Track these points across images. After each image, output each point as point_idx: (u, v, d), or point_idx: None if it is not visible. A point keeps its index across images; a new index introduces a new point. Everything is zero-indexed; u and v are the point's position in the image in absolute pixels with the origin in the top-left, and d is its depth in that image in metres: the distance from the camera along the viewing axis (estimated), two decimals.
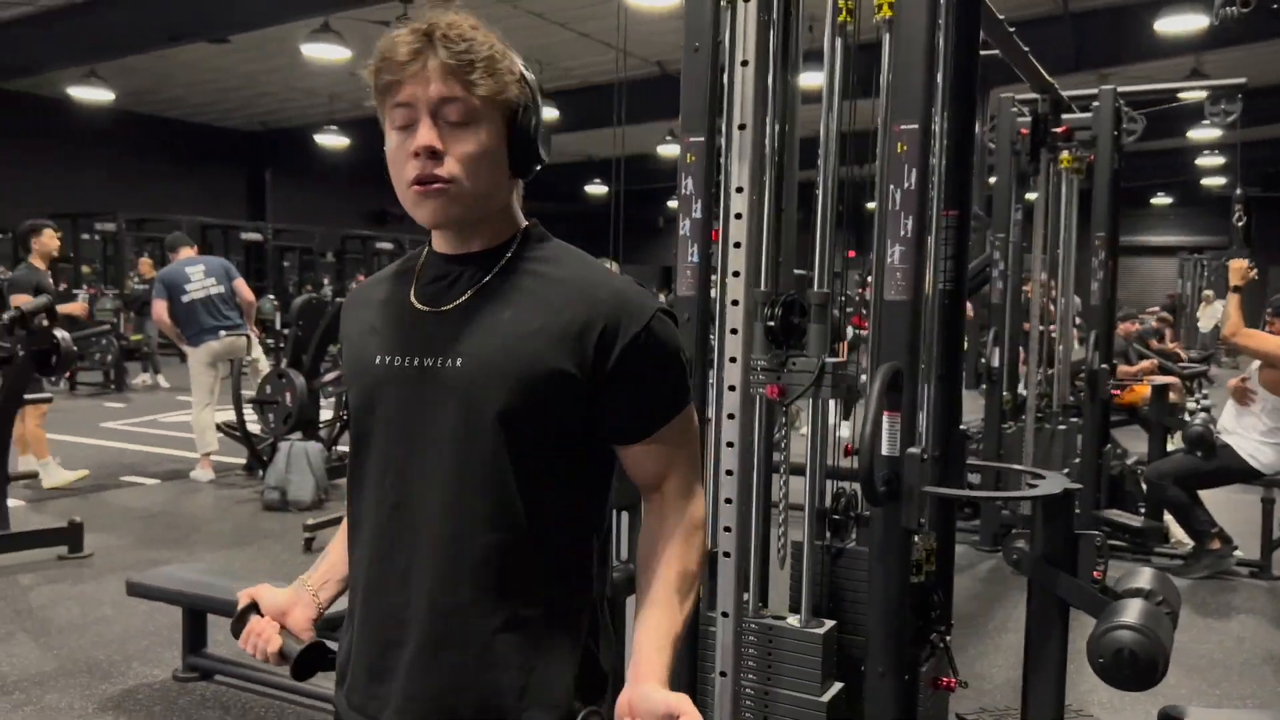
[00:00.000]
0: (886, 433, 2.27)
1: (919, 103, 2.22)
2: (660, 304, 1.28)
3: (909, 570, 2.30)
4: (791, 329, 2.30)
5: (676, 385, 1.29)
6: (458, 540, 1.23)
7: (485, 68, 1.18)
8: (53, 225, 6.26)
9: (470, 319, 1.25)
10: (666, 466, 1.31)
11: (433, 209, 1.22)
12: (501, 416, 1.20)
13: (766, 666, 2.40)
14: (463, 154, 1.19)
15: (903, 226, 2.24)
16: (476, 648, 1.24)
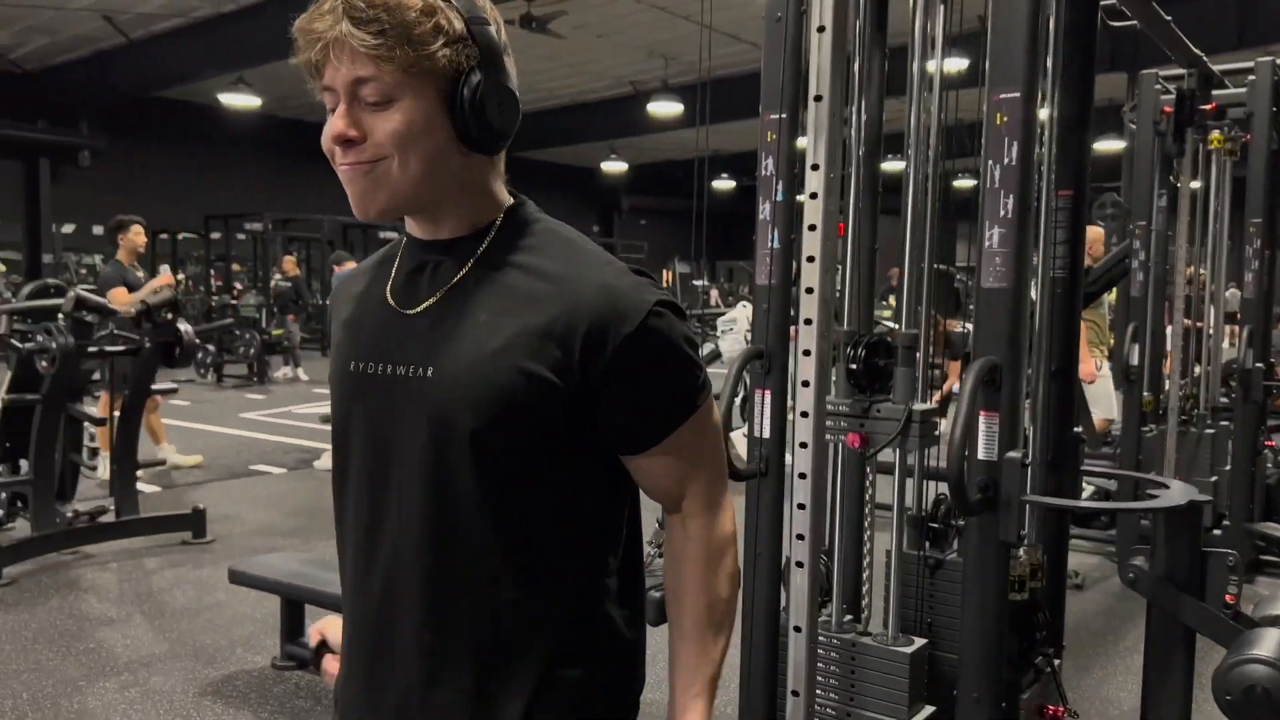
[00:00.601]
0: (983, 434, 2.06)
1: (1021, 68, 2.00)
2: (658, 295, 1.10)
3: (1006, 586, 2.08)
4: (876, 372, 2.16)
5: (684, 386, 1.13)
6: (441, 573, 1.11)
7: (398, 35, 1.01)
8: (141, 221, 6.41)
9: (443, 322, 1.11)
10: (682, 478, 1.16)
11: (358, 198, 1.07)
12: (475, 436, 1.06)
13: (849, 686, 2.22)
14: (386, 132, 1.04)
15: (1003, 206, 2.03)
16: (472, 691, 1.12)
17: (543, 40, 11.93)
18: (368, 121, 1.04)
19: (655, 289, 1.12)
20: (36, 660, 3.67)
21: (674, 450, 1.13)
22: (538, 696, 1.12)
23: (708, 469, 1.17)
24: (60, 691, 3.41)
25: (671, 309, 1.12)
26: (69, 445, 5.02)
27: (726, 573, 1.17)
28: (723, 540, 1.18)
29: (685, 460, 1.15)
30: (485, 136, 1.08)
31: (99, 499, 5.28)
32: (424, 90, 1.04)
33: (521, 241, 1.13)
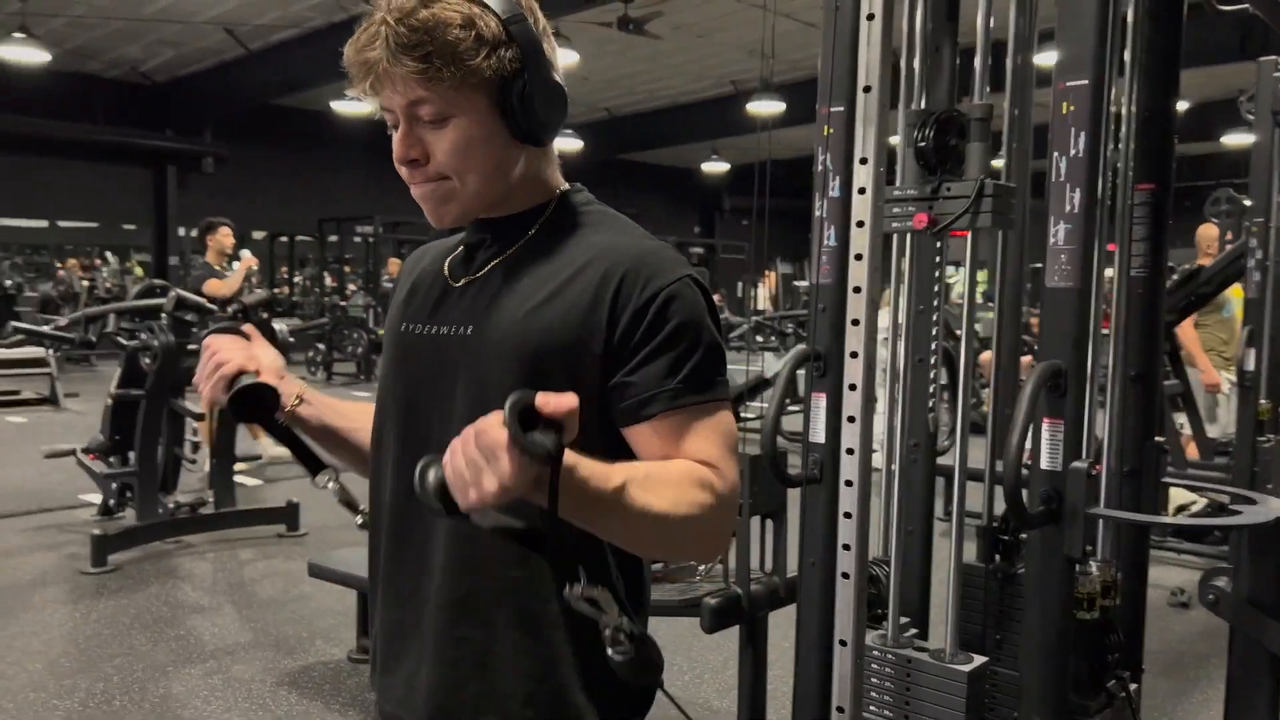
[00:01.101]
0: (1047, 443, 1.94)
1: (1089, 54, 1.88)
2: (692, 272, 1.11)
3: (1071, 603, 1.96)
4: (947, 151, 1.95)
5: (699, 364, 1.09)
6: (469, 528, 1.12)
7: (444, 55, 1.03)
8: (229, 223, 6.57)
9: (488, 288, 1.16)
10: (681, 447, 1.09)
11: (432, 214, 1.15)
12: (512, 391, 1.07)
13: (904, 704, 2.12)
14: (446, 151, 1.09)
15: (1068, 201, 1.91)
16: (481, 644, 1.13)
17: (643, 41, 11.96)
18: (428, 140, 1.10)
19: (693, 268, 1.13)
20: (130, 645, 3.83)
21: (675, 423, 1.09)
22: (550, 662, 1.13)
23: (714, 447, 1.09)
24: (148, 676, 3.55)
25: (703, 290, 1.12)
26: (171, 439, 5.24)
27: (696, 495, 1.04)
28: (709, 482, 1.06)
29: (686, 434, 1.08)
30: (536, 131, 1.12)
31: (199, 491, 5.49)
32: (476, 101, 1.08)
33: (574, 220, 1.18)
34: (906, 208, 1.98)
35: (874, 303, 1.89)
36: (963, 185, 1.91)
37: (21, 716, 3.22)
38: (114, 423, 5.16)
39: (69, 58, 14.20)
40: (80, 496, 5.94)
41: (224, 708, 3.32)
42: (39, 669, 3.60)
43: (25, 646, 3.80)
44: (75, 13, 12.43)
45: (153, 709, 3.30)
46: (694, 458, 1.09)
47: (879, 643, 2.17)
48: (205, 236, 6.57)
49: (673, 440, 1.09)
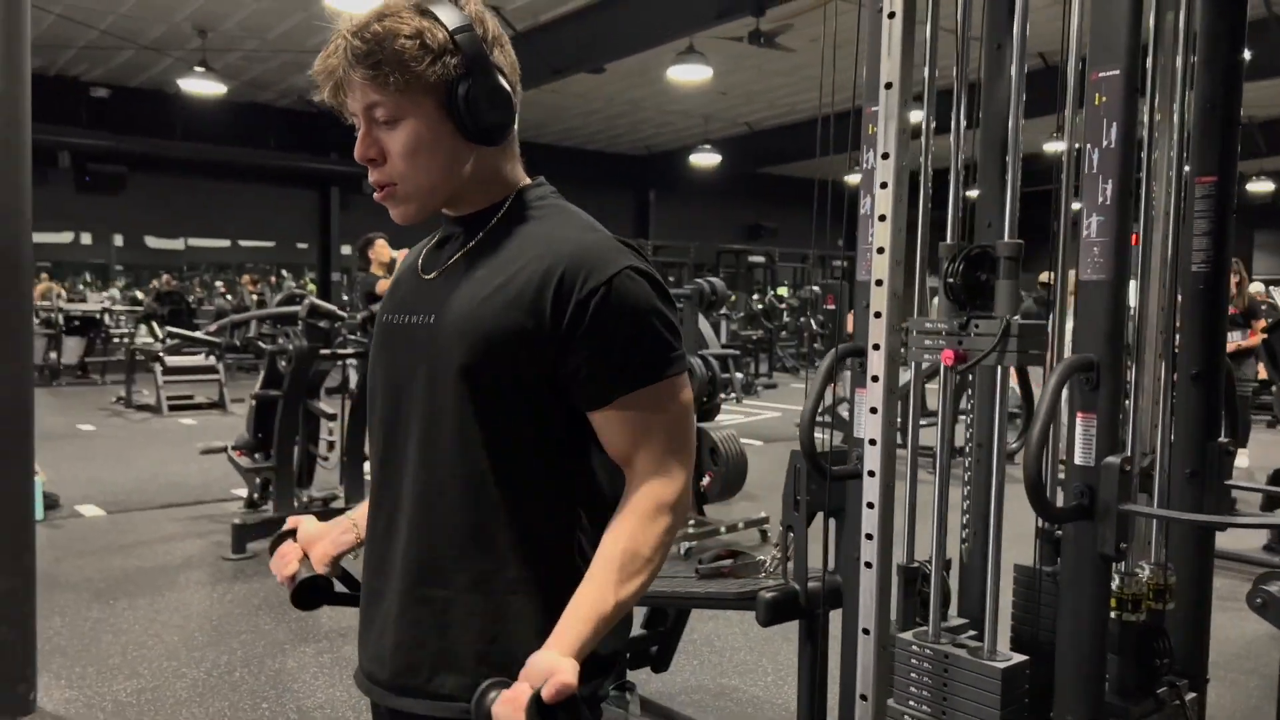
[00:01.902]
0: (1080, 438, 1.92)
1: (1122, 43, 1.85)
2: (633, 262, 1.19)
3: (1105, 602, 1.92)
4: (977, 287, 2.00)
5: (646, 350, 1.19)
6: (428, 497, 1.24)
7: (393, 63, 1.16)
8: (384, 236, 6.91)
9: (450, 280, 1.27)
10: (635, 441, 1.21)
11: (394, 212, 1.27)
12: (462, 371, 1.19)
13: (941, 699, 2.12)
14: (397, 151, 1.21)
15: (1101, 192, 1.88)
16: (440, 604, 1.24)
17: (780, 55, 11.97)
18: (384, 140, 1.22)
19: (636, 257, 1.21)
20: (255, 624, 4.15)
21: (630, 410, 1.19)
22: (502, 623, 1.22)
23: (664, 440, 1.21)
24: (267, 652, 3.84)
25: (648, 278, 1.20)
26: (307, 437, 5.61)
27: (655, 534, 1.19)
28: (665, 501, 1.20)
29: (638, 426, 1.20)
30: (485, 131, 1.22)
31: (332, 487, 5.85)
32: (424, 104, 1.19)
33: (525, 213, 1.27)
34: (937, 340, 2.04)
35: (896, 295, 1.91)
36: (990, 323, 1.95)
37: (154, 680, 3.55)
38: (257, 422, 5.58)
39: (244, 89, 15.30)
40: (232, 490, 6.43)
41: (329, 683, 3.56)
42: (175, 641, 3.95)
43: (166, 621, 4.17)
44: (249, 47, 13.40)
45: (268, 681, 3.57)
46: (646, 467, 1.20)
47: (920, 638, 2.17)
48: (365, 250, 7.01)
49: (630, 430, 1.20)
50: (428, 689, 1.24)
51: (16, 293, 3.15)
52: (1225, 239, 2.18)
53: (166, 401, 10.39)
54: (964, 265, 1.98)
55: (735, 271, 19.33)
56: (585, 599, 1.17)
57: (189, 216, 17.52)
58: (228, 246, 18.88)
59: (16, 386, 3.21)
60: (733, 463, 5.56)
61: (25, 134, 3.17)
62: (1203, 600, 2.21)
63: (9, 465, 3.20)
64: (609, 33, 11.47)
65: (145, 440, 8.73)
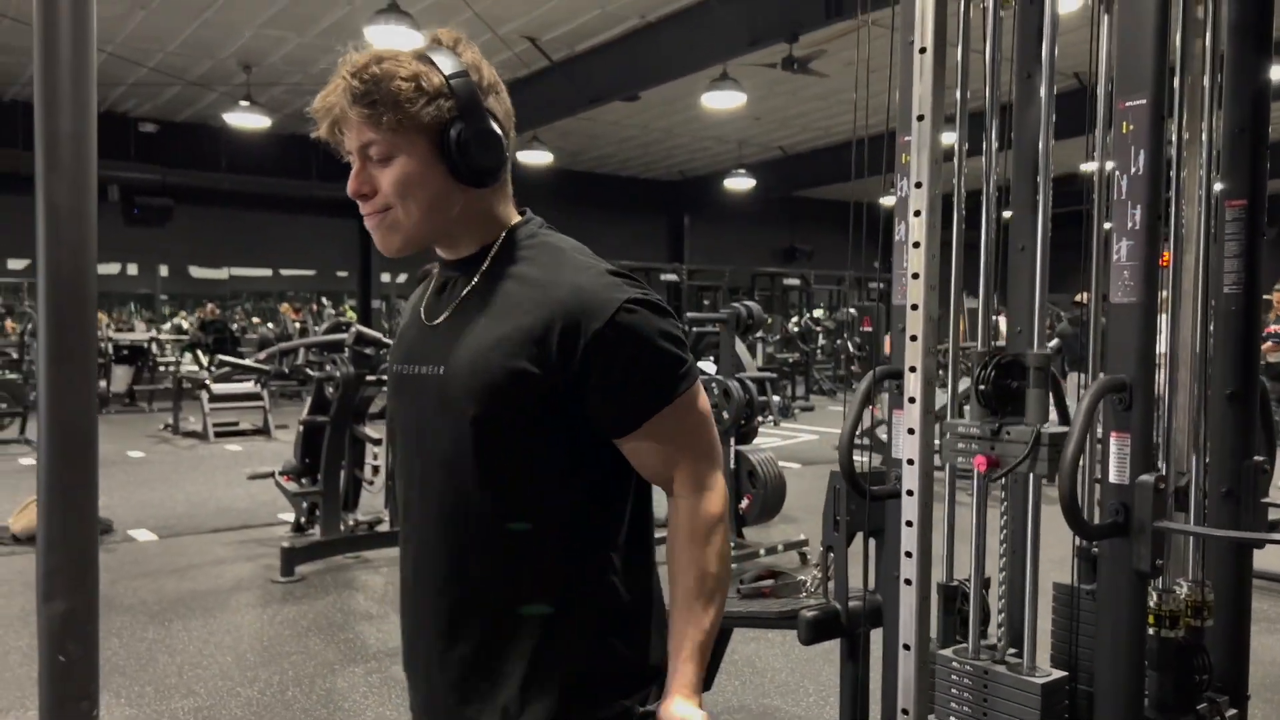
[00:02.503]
0: (1114, 457, 1.96)
1: (1148, 73, 1.91)
2: (629, 294, 1.24)
3: (1143, 618, 1.95)
4: (1007, 394, 2.08)
5: (658, 376, 1.25)
6: (457, 539, 1.29)
7: (388, 103, 1.21)
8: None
9: (453, 328, 1.31)
10: (668, 460, 1.28)
11: (380, 241, 1.30)
12: (475, 422, 1.24)
13: (982, 714, 2.15)
14: (389, 185, 1.25)
15: (1130, 218, 1.93)
16: (481, 641, 1.29)
17: (813, 80, 12.06)
18: (376, 176, 1.27)
19: (631, 288, 1.25)
20: (306, 645, 4.25)
21: (655, 434, 1.26)
22: (539, 657, 1.27)
23: (693, 452, 1.28)
24: (318, 672, 3.93)
25: (647, 305, 1.25)
26: (353, 462, 5.73)
27: (715, 549, 1.27)
28: (710, 520, 1.28)
29: (668, 444, 1.27)
30: (475, 173, 1.27)
31: (377, 511, 5.96)
32: (416, 144, 1.25)
33: (516, 254, 1.31)
34: (970, 445, 2.11)
35: (931, 319, 1.97)
36: (1021, 431, 2.02)
37: (210, 699, 3.65)
38: (304, 447, 5.71)
39: (286, 121, 15.64)
40: (279, 515, 6.57)
41: (379, 702, 3.64)
42: (228, 661, 4.05)
43: (219, 642, 4.28)
44: (292, 80, 13.73)
45: (319, 700, 3.66)
46: (685, 483, 1.28)
47: (960, 655, 2.21)
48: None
49: (660, 451, 1.27)
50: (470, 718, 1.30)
51: (83, 325, 3.29)
52: (1256, 261, 2.22)
53: (213, 428, 10.61)
54: (995, 373, 2.06)
55: (770, 294, 19.37)
56: (684, 637, 1.25)
57: (232, 247, 17.90)
58: (269, 275, 19.24)
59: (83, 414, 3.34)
60: (771, 485, 5.61)
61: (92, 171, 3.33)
62: (1242, 617, 2.24)
63: (76, 490, 3.33)
64: (643, 62, 11.63)
65: (193, 466, 8.93)
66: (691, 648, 1.26)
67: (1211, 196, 2.15)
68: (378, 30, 9.68)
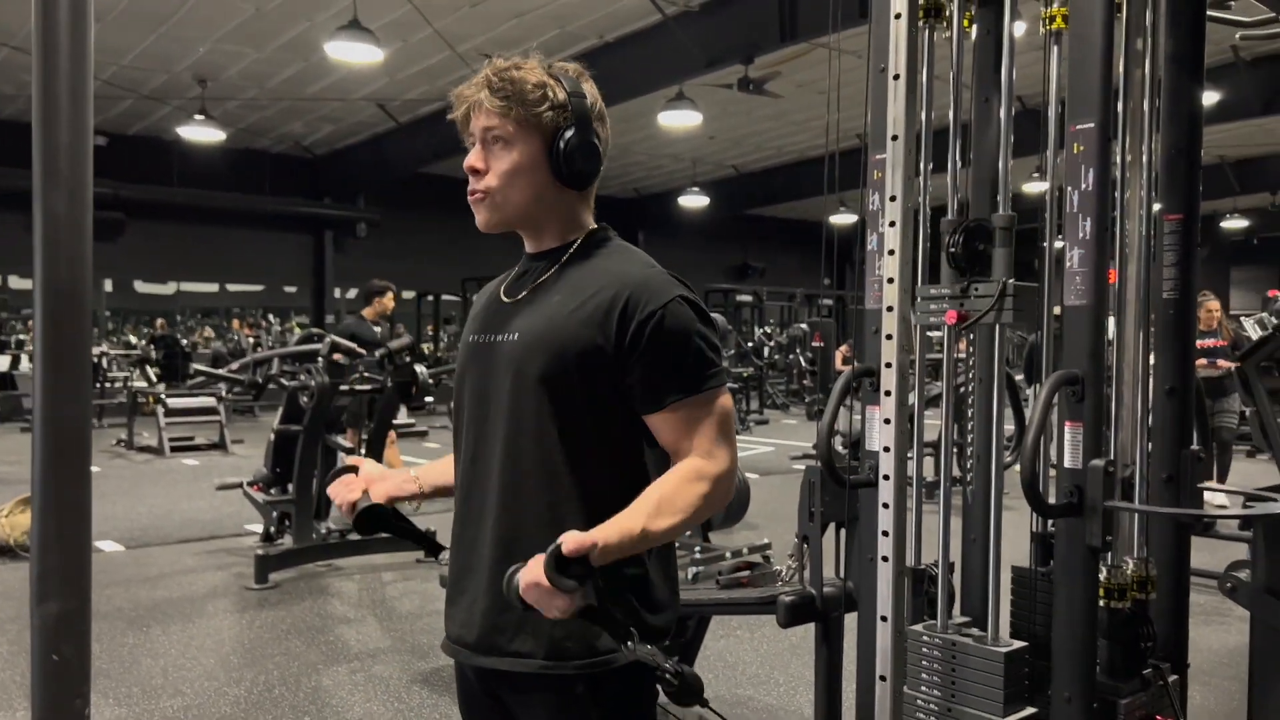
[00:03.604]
0: (1068, 444, 2.17)
1: (1096, 101, 2.13)
2: (684, 291, 1.45)
3: (1094, 590, 2.16)
4: (975, 256, 2.23)
5: (691, 365, 1.43)
6: (513, 484, 1.47)
7: (519, 100, 1.45)
8: (393, 288, 7.05)
9: (530, 304, 1.52)
10: (684, 436, 1.45)
11: (479, 216, 1.52)
12: (542, 379, 1.44)
13: (950, 683, 2.35)
14: (499, 170, 1.48)
15: (1081, 229, 2.15)
16: None
17: (767, 100, 12.38)
18: (491, 158, 1.49)
19: (685, 289, 1.47)
20: (287, 648, 4.33)
21: (679, 414, 1.44)
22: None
23: (709, 434, 1.45)
24: (302, 672, 4.02)
25: (694, 306, 1.46)
26: (325, 471, 5.80)
27: (695, 490, 1.41)
28: (705, 472, 1.43)
29: (685, 425, 1.44)
30: (574, 176, 1.50)
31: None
32: (532, 139, 1.47)
33: (595, 251, 1.53)
34: (941, 304, 2.29)
35: (905, 320, 2.18)
36: (988, 286, 2.21)
37: (198, 699, 3.73)
38: (275, 456, 5.78)
39: (241, 135, 15.63)
40: (246, 525, 6.61)
41: (364, 699, 3.75)
42: (212, 662, 4.13)
43: (201, 645, 4.35)
44: (247, 95, 13.73)
45: (306, 698, 3.76)
46: (693, 450, 1.44)
47: (930, 630, 2.41)
48: (373, 297, 7.06)
49: (679, 428, 1.44)
50: (509, 649, 1.46)
51: (81, 335, 3.38)
52: (1191, 270, 2.45)
53: (169, 443, 10.55)
54: (964, 237, 2.23)
55: (724, 310, 19.64)
56: (619, 518, 1.38)
57: (180, 262, 17.72)
58: (216, 291, 19.08)
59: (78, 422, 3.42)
60: (736, 492, 5.79)
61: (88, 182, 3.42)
62: (1181, 592, 2.46)
63: (70, 495, 3.41)
64: (601, 81, 11.69)
65: (152, 480, 8.89)
66: (619, 527, 1.35)
67: (1151, 213, 2.38)
68: (338, 46, 9.79)
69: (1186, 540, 2.49)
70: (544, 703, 1.48)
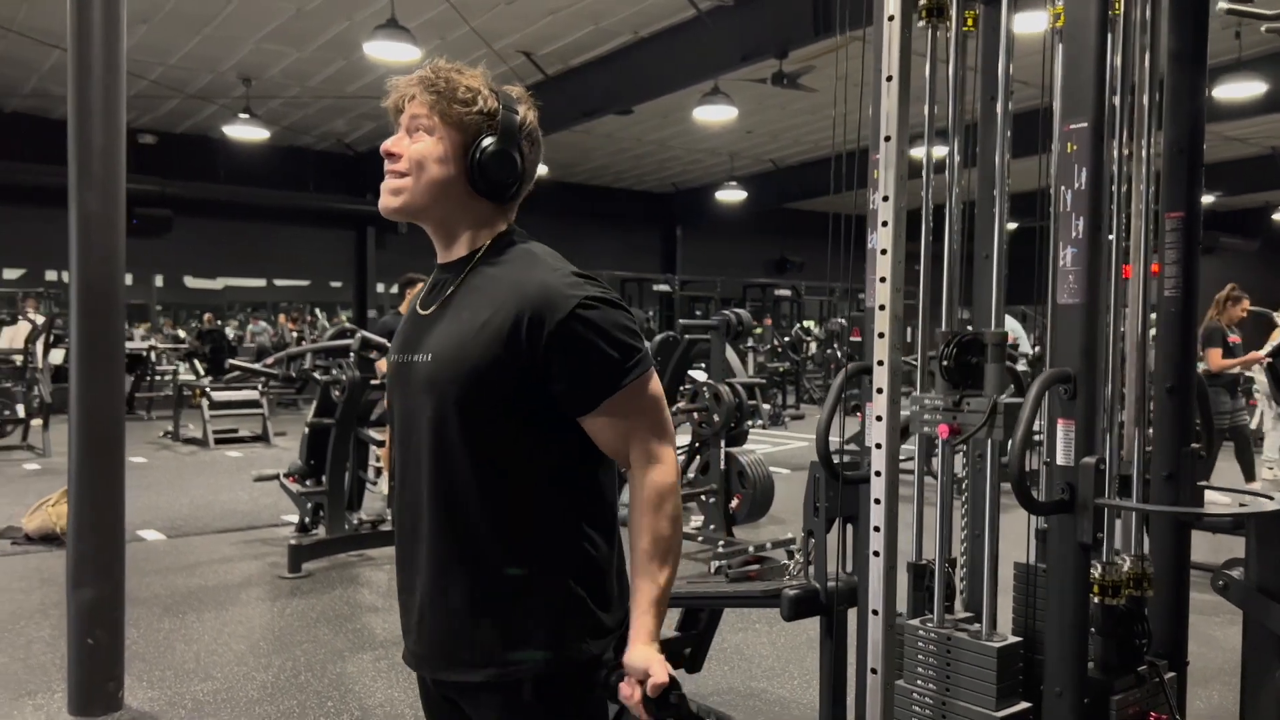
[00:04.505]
0: (1061, 441, 2.19)
1: (1089, 100, 2.14)
2: (588, 292, 1.45)
3: (1085, 586, 2.18)
4: (968, 369, 2.30)
5: (613, 362, 1.44)
6: (446, 506, 1.49)
7: (448, 97, 1.49)
8: (424, 279, 7.17)
9: (440, 320, 1.53)
10: (623, 437, 1.48)
11: (383, 199, 1.54)
12: (459, 402, 1.45)
13: (945, 677, 2.38)
14: (412, 156, 1.50)
15: (1074, 228, 2.17)
16: (466, 600, 1.49)
17: (804, 95, 12.32)
18: (409, 145, 1.52)
19: (591, 287, 1.46)
20: (315, 635, 4.45)
21: (611, 414, 1.46)
22: (518, 611, 1.48)
23: (646, 430, 1.48)
24: (328, 659, 4.13)
25: (604, 302, 1.46)
26: (357, 464, 5.93)
27: (666, 515, 1.47)
28: (661, 489, 1.47)
29: (623, 421, 1.47)
30: (487, 184, 1.51)
31: (380, 511, 6.16)
32: (451, 136, 1.50)
33: (498, 258, 1.54)
34: (935, 415, 2.35)
35: (898, 318, 2.21)
36: (980, 401, 2.26)
37: (228, 683, 3.86)
38: (309, 449, 5.91)
39: (285, 133, 15.89)
40: (282, 516, 6.77)
41: (386, 685, 3.85)
42: (242, 649, 4.26)
43: (233, 632, 4.49)
44: (290, 94, 13.96)
45: (330, 683, 3.86)
46: (635, 457, 1.48)
47: (925, 624, 2.44)
48: (405, 290, 7.20)
49: (614, 428, 1.47)
50: (459, 659, 1.50)
51: (113, 332, 3.51)
52: (1193, 268, 2.45)
53: (213, 435, 10.80)
54: (956, 350, 2.29)
55: (762, 305, 19.62)
56: (643, 594, 1.45)
57: (228, 257, 18.07)
58: (264, 286, 19.41)
59: (111, 416, 3.55)
60: (760, 486, 5.83)
61: (121, 182, 3.54)
62: (1181, 589, 2.46)
63: (104, 486, 3.55)
64: (636, 76, 11.89)
65: (195, 471, 9.11)
66: (648, 602, 1.45)
67: (1150, 210, 2.39)
68: (377, 45, 9.92)
69: (1186, 538, 2.49)
70: (492, 703, 1.51)
